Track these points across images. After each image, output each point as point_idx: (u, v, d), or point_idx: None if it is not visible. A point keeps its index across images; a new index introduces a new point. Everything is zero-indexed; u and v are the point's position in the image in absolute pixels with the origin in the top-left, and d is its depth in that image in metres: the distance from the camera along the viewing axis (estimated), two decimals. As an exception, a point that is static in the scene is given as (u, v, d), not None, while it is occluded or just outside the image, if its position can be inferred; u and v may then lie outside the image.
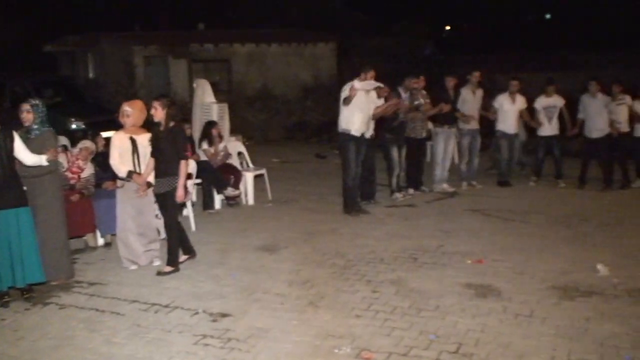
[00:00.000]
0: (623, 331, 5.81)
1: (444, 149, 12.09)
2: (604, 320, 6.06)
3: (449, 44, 45.11)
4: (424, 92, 11.63)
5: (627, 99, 12.15)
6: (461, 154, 12.59)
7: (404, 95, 11.17)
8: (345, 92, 9.96)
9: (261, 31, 28.85)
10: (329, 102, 24.20)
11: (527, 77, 27.79)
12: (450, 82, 12.01)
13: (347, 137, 10.15)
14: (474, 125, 12.26)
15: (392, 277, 7.32)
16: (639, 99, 12.18)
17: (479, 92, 12.35)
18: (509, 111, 12.42)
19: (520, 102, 12.49)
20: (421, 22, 33.43)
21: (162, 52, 25.36)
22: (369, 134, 10.47)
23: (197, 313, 6.31)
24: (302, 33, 29.03)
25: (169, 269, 7.46)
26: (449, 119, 11.98)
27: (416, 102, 11.38)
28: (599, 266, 7.54)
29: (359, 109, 9.99)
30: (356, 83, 9.92)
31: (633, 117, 12.11)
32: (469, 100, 12.18)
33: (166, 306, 6.50)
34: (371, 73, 10.03)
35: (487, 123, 12.73)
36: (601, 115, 12.15)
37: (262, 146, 19.03)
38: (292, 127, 22.79)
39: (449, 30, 59.76)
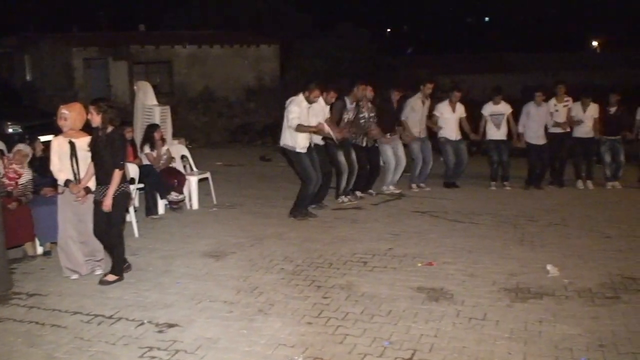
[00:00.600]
0: (577, 332, 5.78)
1: (394, 154, 12.05)
2: (557, 322, 6.02)
3: (391, 46, 45.37)
4: (370, 105, 11.49)
5: (570, 101, 12.47)
6: (415, 159, 12.57)
7: (350, 105, 11.08)
8: (293, 113, 9.79)
9: (203, 32, 28.57)
10: (273, 104, 24.08)
11: (469, 78, 28.25)
12: (395, 95, 12.12)
13: (294, 152, 10.10)
14: (422, 134, 12.47)
15: (342, 282, 7.18)
16: (580, 102, 12.52)
17: (428, 102, 12.50)
18: (449, 119, 12.58)
19: (460, 111, 12.65)
20: (363, 25, 33.43)
21: (102, 53, 24.90)
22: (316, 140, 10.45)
23: (142, 324, 6.06)
24: (244, 34, 28.86)
25: (112, 277, 7.18)
26: (390, 128, 12.04)
27: (362, 121, 11.32)
28: (549, 267, 7.53)
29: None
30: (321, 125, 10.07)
31: (571, 119, 12.46)
32: (418, 109, 12.31)
33: (110, 317, 6.23)
34: (315, 92, 9.90)
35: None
36: (543, 123, 12.52)
37: (206, 149, 18.80)
38: (236, 130, 22.55)
39: (390, 32, 60.18)
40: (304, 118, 9.84)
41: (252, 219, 10.22)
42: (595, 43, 60.68)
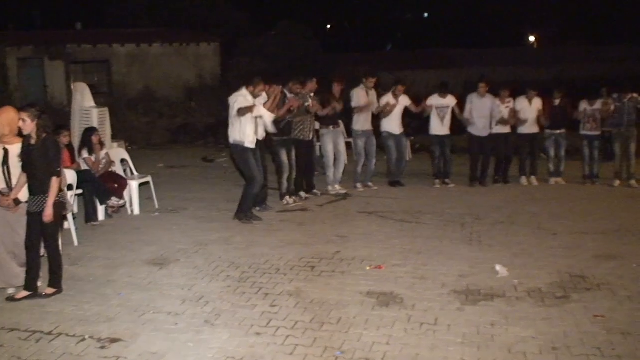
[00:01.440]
0: (529, 335, 5.72)
1: (334, 149, 11.94)
2: (509, 325, 5.96)
3: (332, 42, 45.34)
4: (312, 94, 11.37)
5: (512, 102, 12.63)
6: (357, 155, 12.48)
7: (289, 95, 10.96)
8: (238, 104, 9.71)
9: (142, 31, 28.08)
10: (214, 104, 23.77)
11: (410, 74, 28.35)
12: (337, 87, 12.03)
13: (243, 148, 9.90)
14: (368, 126, 12.27)
15: (290, 288, 7.01)
16: (522, 98, 12.66)
17: (373, 94, 12.37)
18: (393, 113, 12.43)
19: (404, 102, 12.52)
20: (303, 22, 33.31)
21: (37, 53, 24.26)
22: (260, 136, 10.29)
23: (83, 339, 5.78)
24: (184, 33, 28.45)
25: (51, 290, 6.87)
26: (334, 120, 12.00)
27: (306, 104, 11.15)
28: (498, 267, 7.49)
29: (250, 121, 9.82)
30: (262, 110, 9.88)
31: (516, 116, 12.60)
32: (363, 100, 12.14)
33: (49, 333, 5.93)
34: (260, 86, 9.94)
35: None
36: (487, 115, 12.49)
37: (146, 151, 18.44)
38: (177, 130, 22.14)
39: (330, 28, 60.12)
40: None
41: (195, 224, 9.97)
42: (532, 38, 61.65)
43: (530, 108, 12.58)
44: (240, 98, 9.76)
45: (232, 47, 29.52)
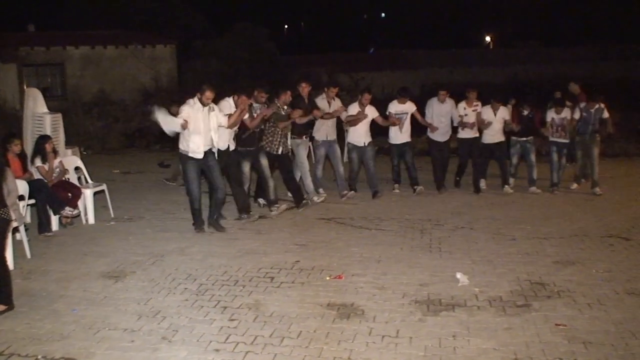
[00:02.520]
0: (491, 346, 5.68)
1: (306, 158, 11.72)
2: (471, 336, 5.91)
3: (288, 43, 45.26)
4: (285, 107, 11.01)
5: (479, 106, 12.47)
6: (317, 162, 12.23)
7: (255, 105, 10.72)
8: (184, 112, 9.32)
9: (97, 33, 27.65)
10: (171, 107, 23.45)
11: (368, 76, 28.35)
12: (304, 89, 11.62)
13: (185, 157, 9.61)
14: (331, 136, 12.01)
15: (249, 301, 6.89)
16: (487, 107, 12.46)
17: (335, 103, 12.04)
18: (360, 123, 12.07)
19: (371, 112, 12.12)
20: (260, 23, 33.14)
21: (-13, 56, 23.72)
22: (222, 146, 10.08)
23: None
24: (140, 34, 28.08)
25: (2, 307, 6.65)
26: (306, 129, 11.73)
27: (284, 112, 10.95)
28: (459, 275, 7.46)
29: (195, 133, 9.43)
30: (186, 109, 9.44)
31: (482, 122, 12.39)
32: (326, 109, 11.82)
33: (0, 354, 5.72)
34: (207, 93, 9.42)
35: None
36: (446, 120, 12.45)
37: (101, 155, 18.17)
38: (133, 134, 21.80)
39: (287, 29, 60.09)
40: (194, 120, 9.35)
41: (152, 234, 9.78)
42: (488, 39, 62.27)
43: (495, 118, 12.30)
44: (186, 107, 9.41)
45: (188, 49, 29.23)
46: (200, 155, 9.50)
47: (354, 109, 12.07)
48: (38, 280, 7.68)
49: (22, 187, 8.87)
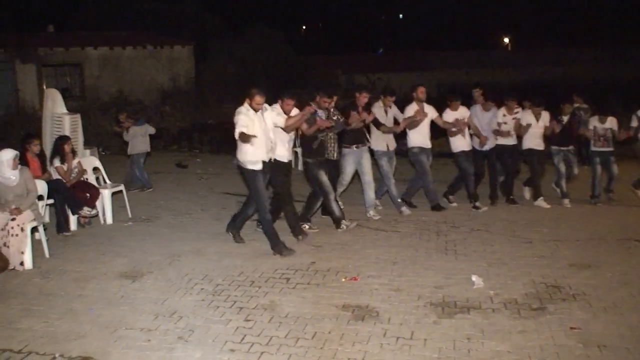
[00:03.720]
0: (505, 349, 5.69)
1: (360, 169, 10.65)
2: (485, 339, 5.92)
3: (306, 44, 45.31)
4: (336, 110, 10.29)
5: (520, 111, 11.69)
6: (384, 177, 11.04)
7: (320, 112, 9.84)
8: (241, 121, 8.50)
9: (115, 33, 27.83)
10: (188, 107, 23.62)
11: (385, 77, 28.40)
12: (362, 99, 10.50)
13: (246, 170, 8.81)
14: (391, 145, 11.04)
15: (264, 301, 6.93)
16: (528, 112, 11.61)
17: (391, 111, 11.00)
18: (421, 122, 11.00)
19: (431, 110, 11.18)
20: (277, 24, 33.24)
21: (8, 56, 23.91)
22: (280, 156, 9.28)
23: (54, 358, 5.67)
24: (158, 35, 28.23)
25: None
26: (359, 138, 10.59)
27: (335, 118, 10.09)
28: (474, 278, 7.46)
29: (253, 142, 8.53)
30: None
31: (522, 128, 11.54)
32: (382, 117, 10.80)
33: (19, 352, 5.79)
34: (257, 98, 8.57)
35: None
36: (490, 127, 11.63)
37: (120, 156, 18.15)
38: (150, 134, 21.90)
39: (305, 30, 60.13)
40: (251, 129, 8.52)
41: (169, 234, 9.85)
42: (506, 40, 62.06)
43: (538, 124, 11.50)
44: (241, 117, 8.57)
45: (205, 50, 29.36)
46: (259, 167, 8.73)
47: (411, 109, 11.01)
48: (56, 279, 7.76)
49: (41, 187, 8.98)
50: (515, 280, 7.49)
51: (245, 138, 8.37)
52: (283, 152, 9.35)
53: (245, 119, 8.53)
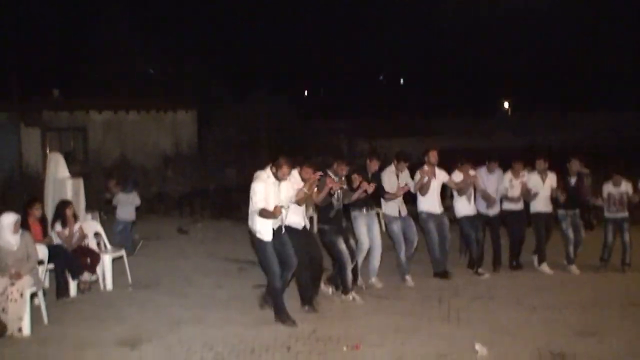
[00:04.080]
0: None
1: (368, 234, 10.36)
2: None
3: (308, 109, 45.65)
4: (343, 177, 9.95)
5: (525, 176, 11.60)
6: (396, 242, 10.82)
7: (335, 177, 9.61)
8: (258, 194, 8.33)
9: (119, 98, 28.09)
10: (190, 172, 23.67)
11: (387, 143, 28.50)
12: (373, 165, 10.54)
13: (259, 240, 8.52)
14: (403, 210, 10.87)
15: (265, 370, 6.82)
16: (534, 173, 11.67)
17: (404, 174, 10.95)
18: (431, 187, 10.93)
19: (442, 174, 11.16)
20: (280, 89, 33.53)
21: (12, 119, 24.07)
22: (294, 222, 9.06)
23: None
24: (161, 100, 28.47)
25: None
26: (368, 201, 10.39)
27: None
28: (477, 346, 7.35)
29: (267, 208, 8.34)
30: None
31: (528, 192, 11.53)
32: (394, 182, 10.72)
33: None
34: (284, 169, 8.39)
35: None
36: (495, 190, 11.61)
37: (121, 220, 18.18)
38: (152, 199, 21.95)
39: (307, 95, 60.70)
40: (272, 197, 8.39)
41: (169, 301, 9.72)
42: (506, 104, 62.61)
43: (544, 186, 11.53)
44: (260, 186, 8.38)
45: (208, 115, 29.59)
46: (269, 237, 8.47)
47: (417, 175, 10.93)
48: (54, 347, 7.65)
49: (42, 251, 8.95)
50: (520, 349, 7.39)
51: (267, 214, 8.26)
52: (297, 220, 9.08)
53: (264, 189, 8.36)
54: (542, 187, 11.46)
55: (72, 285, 9.92)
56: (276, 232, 8.55)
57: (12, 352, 7.48)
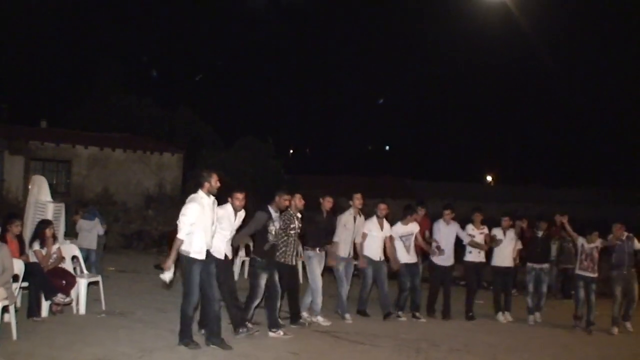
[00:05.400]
0: None
1: (320, 274, 10.84)
2: None
3: (293, 164, 45.87)
4: (299, 214, 10.41)
5: (486, 229, 12.31)
6: (338, 280, 11.35)
7: (275, 214, 9.88)
8: (187, 218, 8.41)
9: (106, 135, 28.11)
10: (172, 213, 23.50)
11: (370, 202, 28.51)
12: (327, 203, 11.12)
13: (188, 258, 8.54)
14: (349, 252, 11.43)
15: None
16: (497, 228, 12.37)
17: (360, 220, 11.54)
18: (375, 237, 11.62)
19: (387, 228, 11.77)
20: (266, 140, 33.67)
21: (-3, 145, 24.03)
22: (221, 252, 9.21)
23: None
24: (148, 140, 28.54)
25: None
26: (321, 241, 10.95)
27: (292, 232, 10.20)
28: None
29: (201, 228, 8.51)
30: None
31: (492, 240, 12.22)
32: (350, 227, 11.31)
33: None
34: (215, 179, 8.74)
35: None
36: (452, 243, 12.20)
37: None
38: (131, 236, 21.80)
39: (293, 153, 61.11)
40: (202, 215, 8.49)
41: (142, 329, 9.52)
42: (489, 178, 63.24)
43: (505, 238, 12.17)
44: (192, 207, 8.49)
45: (194, 158, 29.59)
46: (203, 256, 8.57)
47: (372, 224, 11.62)
48: (21, 363, 7.46)
49: (18, 266, 8.81)
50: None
51: (177, 243, 8.37)
52: (220, 246, 9.16)
53: (197, 210, 8.47)
54: (503, 238, 12.18)
55: (45, 306, 9.71)
56: (208, 257, 8.65)
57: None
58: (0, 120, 29.00)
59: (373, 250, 11.62)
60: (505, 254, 12.21)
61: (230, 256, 9.57)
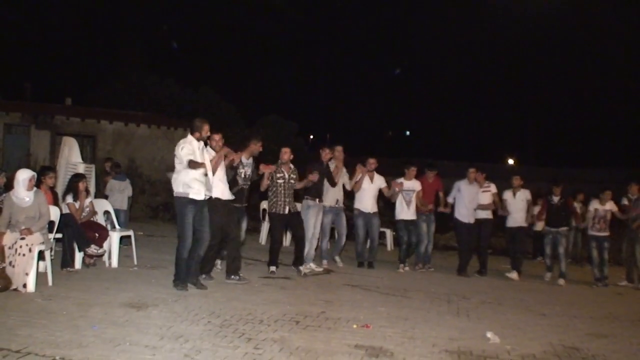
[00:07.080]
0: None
1: (314, 224, 11.40)
2: (503, 383, 5.66)
3: (315, 148, 45.85)
4: (292, 165, 10.88)
5: (492, 187, 12.55)
6: (323, 231, 11.99)
7: (245, 161, 10.04)
8: (184, 150, 8.59)
9: (130, 112, 28.20)
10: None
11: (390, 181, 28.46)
12: (326, 155, 11.70)
13: (186, 200, 8.69)
14: (340, 203, 12.08)
15: (274, 336, 6.66)
16: (507, 190, 12.63)
17: (341, 171, 12.09)
18: (366, 189, 12.15)
19: (379, 180, 12.28)
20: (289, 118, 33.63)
21: (24, 120, 24.14)
22: (224, 195, 9.45)
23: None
24: (172, 117, 28.56)
25: None
26: (320, 192, 11.50)
27: (280, 181, 10.66)
28: (489, 334, 7.23)
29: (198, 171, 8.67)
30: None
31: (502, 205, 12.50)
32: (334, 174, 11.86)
33: (17, 352, 5.53)
34: (205, 129, 8.81)
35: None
36: (474, 202, 12.31)
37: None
38: (157, 207, 21.88)
39: (313, 138, 61.03)
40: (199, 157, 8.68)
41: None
42: (511, 161, 62.80)
43: (515, 200, 12.39)
44: (186, 145, 8.65)
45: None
46: (200, 197, 8.70)
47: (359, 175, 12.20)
48: (58, 302, 7.52)
49: (54, 213, 8.88)
50: (532, 341, 7.24)
51: (196, 165, 8.53)
52: (222, 188, 9.43)
53: (190, 150, 8.63)
54: (512, 200, 12.44)
55: (78, 258, 9.78)
56: (200, 203, 8.71)
57: (15, 303, 7.34)
58: (24, 99, 29.14)
59: (364, 202, 12.16)
60: (515, 216, 12.42)
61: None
